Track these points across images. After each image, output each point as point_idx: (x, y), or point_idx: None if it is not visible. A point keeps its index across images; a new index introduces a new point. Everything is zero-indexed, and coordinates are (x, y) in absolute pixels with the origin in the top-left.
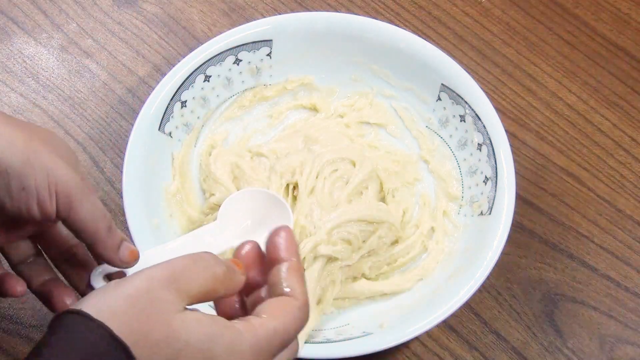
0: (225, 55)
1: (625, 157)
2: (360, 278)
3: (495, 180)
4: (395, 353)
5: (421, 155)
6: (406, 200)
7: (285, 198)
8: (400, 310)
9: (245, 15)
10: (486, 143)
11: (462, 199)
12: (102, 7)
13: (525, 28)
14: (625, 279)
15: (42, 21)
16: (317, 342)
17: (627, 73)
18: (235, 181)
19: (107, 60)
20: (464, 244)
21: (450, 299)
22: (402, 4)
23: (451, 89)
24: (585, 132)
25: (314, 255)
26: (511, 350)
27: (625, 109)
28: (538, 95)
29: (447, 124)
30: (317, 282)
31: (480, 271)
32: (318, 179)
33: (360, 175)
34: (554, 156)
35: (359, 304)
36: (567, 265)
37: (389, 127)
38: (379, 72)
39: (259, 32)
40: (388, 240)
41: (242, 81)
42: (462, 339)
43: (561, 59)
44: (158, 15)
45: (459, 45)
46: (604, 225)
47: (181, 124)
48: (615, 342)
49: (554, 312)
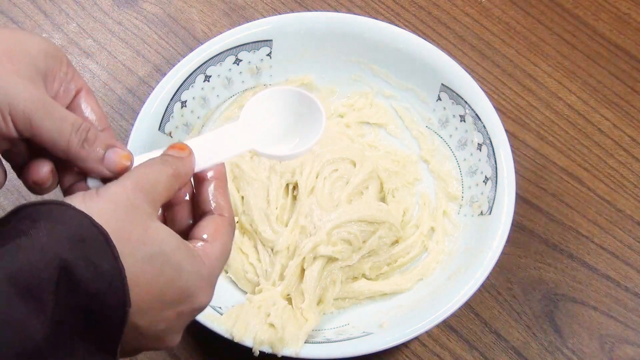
0: (225, 55)
1: (625, 157)
2: (360, 278)
3: (495, 180)
4: (395, 353)
5: (421, 155)
6: (406, 200)
7: (285, 198)
8: (400, 310)
9: (245, 15)
10: (486, 143)
11: (462, 199)
12: (102, 7)
13: (525, 28)
14: (625, 279)
15: (42, 21)
16: (317, 342)
17: (627, 73)
18: (235, 181)
19: (107, 60)
20: (464, 244)
21: (450, 299)
22: (402, 4)
23: (451, 89)
24: (585, 132)
25: (314, 255)
26: (511, 350)
27: (625, 109)
28: (538, 95)
29: (447, 124)
30: (317, 282)
31: (480, 271)
32: (318, 178)
33: (360, 175)
34: (554, 156)
35: (359, 304)
36: (567, 265)
37: (389, 127)
38: (379, 72)
39: (259, 32)
40: (388, 240)
41: (242, 81)
42: (462, 339)
43: (561, 59)
44: (158, 15)
45: (459, 45)
46: (604, 225)
47: (181, 124)
48: (615, 342)
49: (554, 312)
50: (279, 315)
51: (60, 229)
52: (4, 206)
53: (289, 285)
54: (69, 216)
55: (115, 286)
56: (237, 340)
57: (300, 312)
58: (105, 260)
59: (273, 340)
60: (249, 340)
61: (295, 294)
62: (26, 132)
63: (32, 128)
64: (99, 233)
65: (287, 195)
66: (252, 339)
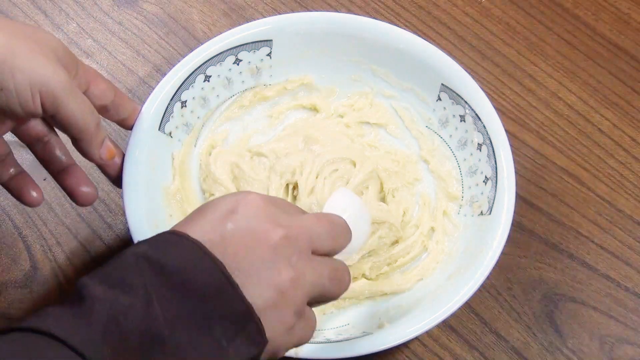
0: (225, 55)
1: (625, 157)
2: (360, 278)
3: (495, 180)
4: (395, 353)
5: (421, 155)
6: (406, 200)
7: (285, 198)
8: (400, 311)
9: (245, 15)
10: (486, 143)
11: (462, 199)
12: (102, 7)
13: (525, 28)
14: (625, 279)
15: (42, 21)
16: (317, 342)
17: (627, 73)
18: (235, 181)
19: (107, 60)
20: (464, 244)
21: (450, 299)
22: (402, 4)
23: (451, 89)
24: (585, 132)
25: None
26: (511, 350)
27: (625, 109)
28: (538, 95)
29: (447, 124)
30: None
31: (480, 271)
32: (318, 178)
33: (360, 175)
34: (554, 156)
35: (359, 304)
36: (567, 265)
37: (389, 127)
38: (379, 72)
39: (259, 32)
40: (388, 240)
41: (242, 81)
42: (462, 339)
43: (561, 59)
44: (158, 15)
45: (459, 45)
46: (604, 225)
47: (181, 124)
48: (615, 342)
49: (554, 312)
50: None
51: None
52: (3, 206)
53: None
54: (187, 245)
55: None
56: None
57: None
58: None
59: None
60: None
61: None
62: (51, 110)
63: (58, 107)
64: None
65: (287, 195)
66: None
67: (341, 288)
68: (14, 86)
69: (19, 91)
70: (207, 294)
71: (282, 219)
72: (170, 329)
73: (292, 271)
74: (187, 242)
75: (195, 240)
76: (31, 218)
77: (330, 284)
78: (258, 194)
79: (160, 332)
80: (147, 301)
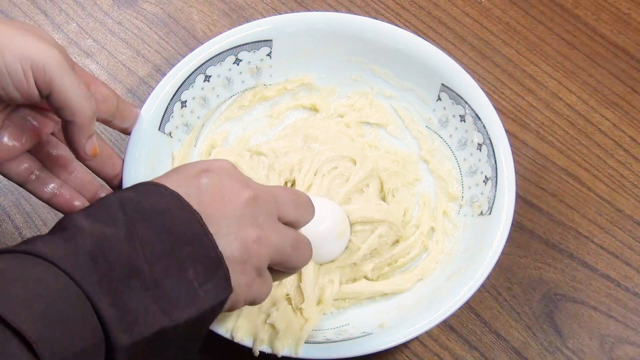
0: (225, 55)
1: (625, 157)
2: (360, 278)
3: (495, 180)
4: (395, 353)
5: (421, 155)
6: (406, 200)
7: None
8: (400, 310)
9: (245, 15)
10: (486, 143)
11: (462, 199)
12: (102, 7)
13: (525, 28)
14: (625, 279)
15: (42, 21)
16: (317, 342)
17: (627, 73)
18: None
19: (107, 60)
20: (464, 244)
21: (450, 299)
22: (402, 4)
23: (451, 89)
24: (585, 132)
25: None
26: (511, 350)
27: (625, 109)
28: (538, 95)
29: (447, 124)
30: (315, 282)
31: (480, 271)
32: (316, 176)
33: (361, 173)
34: (554, 156)
35: (359, 304)
36: (567, 265)
37: (389, 127)
38: (379, 72)
39: (259, 32)
40: (389, 239)
41: (242, 81)
42: (462, 339)
43: (561, 59)
44: (158, 15)
45: (459, 45)
46: (604, 225)
47: (181, 124)
48: (615, 342)
49: (554, 312)
50: (279, 315)
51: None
52: (4, 206)
53: (288, 284)
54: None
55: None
56: (237, 341)
57: (300, 312)
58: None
59: (273, 340)
60: (249, 340)
61: (294, 294)
62: (46, 90)
63: (51, 84)
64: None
65: None
66: (252, 339)
67: (303, 258)
68: (4, 66)
69: (10, 70)
70: (184, 239)
71: (251, 182)
72: (149, 265)
73: (258, 230)
74: (166, 191)
75: (173, 191)
76: (31, 218)
77: (292, 251)
78: (228, 160)
79: (141, 265)
80: (129, 236)
